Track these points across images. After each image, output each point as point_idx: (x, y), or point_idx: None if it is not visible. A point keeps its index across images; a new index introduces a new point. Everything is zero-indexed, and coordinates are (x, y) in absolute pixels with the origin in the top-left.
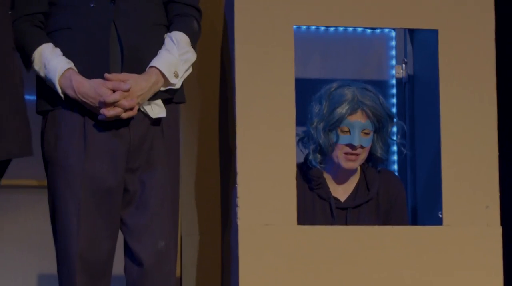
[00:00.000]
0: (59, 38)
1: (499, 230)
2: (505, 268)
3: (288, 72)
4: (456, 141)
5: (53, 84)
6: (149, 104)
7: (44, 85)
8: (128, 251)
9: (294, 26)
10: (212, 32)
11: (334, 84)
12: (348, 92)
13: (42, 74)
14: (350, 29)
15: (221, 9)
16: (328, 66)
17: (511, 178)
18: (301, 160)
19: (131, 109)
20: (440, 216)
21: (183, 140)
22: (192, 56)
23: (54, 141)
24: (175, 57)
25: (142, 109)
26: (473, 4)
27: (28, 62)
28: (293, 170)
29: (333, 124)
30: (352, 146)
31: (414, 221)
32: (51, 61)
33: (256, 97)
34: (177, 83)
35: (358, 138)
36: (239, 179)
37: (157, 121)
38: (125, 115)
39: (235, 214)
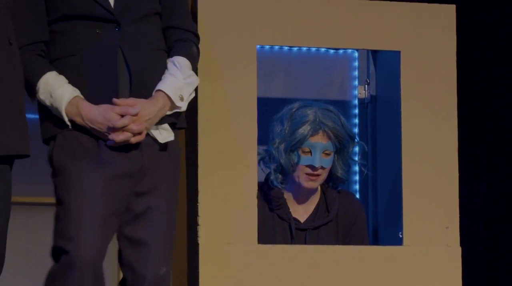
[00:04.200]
0: (63, 65)
1: (458, 250)
2: None
3: (250, 91)
4: (417, 161)
5: (60, 113)
6: (156, 129)
7: (48, 113)
8: (130, 271)
9: (258, 46)
10: None
11: (296, 105)
12: (310, 113)
13: (48, 103)
14: (313, 49)
15: None
16: (291, 86)
17: (471, 198)
18: (262, 179)
19: (140, 133)
20: (401, 236)
21: None
22: (195, 79)
23: (66, 157)
24: (180, 81)
25: (150, 134)
26: (435, 26)
27: (32, 91)
28: (255, 189)
29: (295, 145)
30: (313, 167)
31: (376, 241)
32: (57, 89)
33: (218, 115)
34: (182, 106)
35: (319, 160)
36: (200, 197)
37: (165, 146)
38: (134, 140)
39: (197, 232)
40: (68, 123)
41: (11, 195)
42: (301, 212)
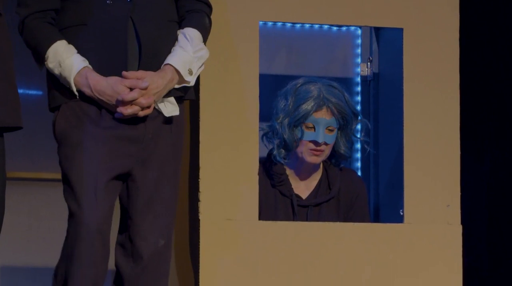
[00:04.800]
0: (73, 34)
1: (459, 229)
2: (465, 266)
3: (253, 67)
4: (418, 139)
5: (68, 83)
6: (162, 101)
7: (56, 82)
8: (127, 245)
9: (260, 22)
10: None
11: (300, 80)
12: (314, 89)
13: (56, 72)
14: (316, 26)
15: None
16: (293, 63)
17: (472, 177)
18: (265, 155)
19: (148, 107)
20: (402, 214)
21: None
22: (205, 53)
23: (69, 125)
24: (190, 55)
25: (156, 107)
26: (437, 3)
27: (41, 59)
28: (256, 165)
29: (298, 120)
30: (316, 143)
31: (377, 219)
32: (67, 59)
33: (221, 92)
34: (191, 80)
35: (322, 135)
36: (202, 173)
37: (170, 119)
38: (142, 113)
39: (198, 208)
40: (76, 93)
41: (5, 164)
42: (303, 189)
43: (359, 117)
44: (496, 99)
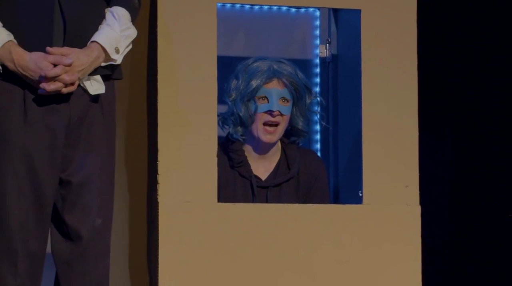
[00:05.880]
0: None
1: (418, 209)
2: (426, 247)
3: (211, 50)
4: (377, 121)
5: None
6: (88, 79)
7: None
8: (62, 226)
9: (218, 4)
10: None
11: (250, 60)
12: (264, 64)
13: None
14: (275, 7)
15: None
16: (252, 45)
17: (431, 157)
18: (224, 137)
19: (72, 84)
20: (361, 195)
21: None
22: (133, 32)
23: None
24: (117, 33)
25: (81, 84)
26: None
27: None
28: (214, 147)
29: (250, 94)
30: (270, 112)
31: (336, 200)
32: None
33: (179, 74)
34: (118, 59)
35: (276, 105)
36: (160, 155)
37: (96, 98)
38: (65, 90)
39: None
40: (0, 67)
41: None
42: (262, 170)
43: (313, 93)
44: (455, 79)
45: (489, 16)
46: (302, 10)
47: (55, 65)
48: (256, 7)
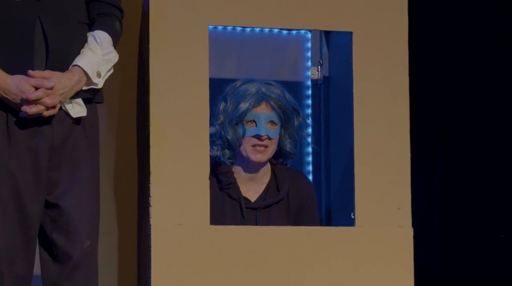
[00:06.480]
0: None
1: (410, 231)
2: (418, 268)
3: (202, 72)
4: (369, 142)
5: None
6: (70, 103)
7: None
8: (50, 248)
9: (210, 26)
10: (129, 30)
11: (238, 82)
12: (252, 87)
13: None
14: (266, 30)
15: (140, 7)
16: (244, 67)
17: (423, 179)
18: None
19: (53, 107)
20: (353, 217)
21: (101, 138)
22: (114, 56)
23: None
24: (98, 57)
25: (63, 108)
26: (386, 7)
27: None
28: (207, 169)
29: (238, 117)
30: (258, 136)
31: (328, 222)
32: None
33: (170, 96)
34: (99, 83)
35: (264, 129)
36: (152, 178)
37: (78, 120)
38: (46, 113)
39: (149, 213)
40: None
41: None
42: (252, 192)
43: (300, 114)
44: (446, 100)
45: (484, 37)
46: (294, 32)
47: (36, 89)
48: (248, 29)
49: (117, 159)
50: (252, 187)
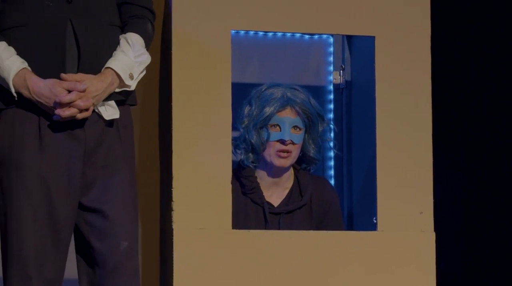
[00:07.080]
0: (13, 36)
1: (432, 236)
2: (440, 273)
3: (225, 76)
4: (391, 147)
5: (7, 84)
6: (102, 105)
7: None
8: (88, 251)
9: (232, 31)
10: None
11: (264, 86)
12: (277, 91)
13: None
14: (288, 34)
15: (162, 12)
16: (266, 71)
17: (445, 184)
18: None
19: (86, 110)
20: (375, 221)
21: None
22: (147, 58)
23: (8, 140)
24: (131, 59)
25: (96, 110)
26: (409, 11)
27: None
28: (229, 174)
29: (263, 121)
30: (282, 141)
31: (350, 227)
32: (5, 60)
33: (193, 101)
34: (132, 85)
35: (288, 134)
36: (175, 182)
37: (111, 123)
38: (80, 116)
39: (171, 217)
40: (15, 95)
41: None
42: (275, 197)
43: (325, 120)
44: (469, 104)
45: (508, 41)
46: (316, 37)
47: (69, 92)
48: (270, 34)
49: (140, 163)
50: (275, 192)
